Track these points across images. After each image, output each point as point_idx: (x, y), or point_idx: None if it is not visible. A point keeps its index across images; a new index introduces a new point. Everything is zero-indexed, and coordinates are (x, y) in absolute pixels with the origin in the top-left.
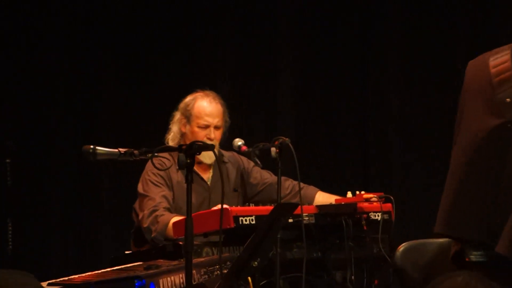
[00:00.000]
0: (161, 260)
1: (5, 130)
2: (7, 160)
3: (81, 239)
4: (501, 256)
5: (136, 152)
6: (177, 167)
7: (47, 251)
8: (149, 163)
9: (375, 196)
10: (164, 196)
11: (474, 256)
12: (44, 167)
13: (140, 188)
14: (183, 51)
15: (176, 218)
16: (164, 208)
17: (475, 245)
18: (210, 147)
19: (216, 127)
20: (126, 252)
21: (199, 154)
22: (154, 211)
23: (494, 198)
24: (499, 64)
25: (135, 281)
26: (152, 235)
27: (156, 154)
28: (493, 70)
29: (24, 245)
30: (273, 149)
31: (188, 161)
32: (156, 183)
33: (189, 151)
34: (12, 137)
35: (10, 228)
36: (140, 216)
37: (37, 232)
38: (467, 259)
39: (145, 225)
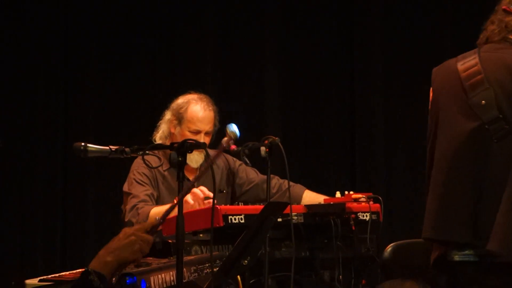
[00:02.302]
0: (151, 258)
1: None
2: None
3: (67, 237)
4: (484, 255)
5: (127, 149)
6: (165, 167)
7: (33, 248)
8: (135, 163)
9: (364, 196)
10: (148, 195)
11: (458, 256)
12: (29, 164)
13: (125, 187)
14: (169, 50)
15: (156, 209)
16: (145, 204)
17: (460, 246)
18: (202, 146)
19: (207, 133)
20: None
21: (191, 152)
22: (135, 205)
23: (478, 199)
24: (468, 68)
25: (127, 278)
26: None
27: (147, 152)
28: (463, 75)
29: (10, 242)
30: (262, 148)
31: (180, 159)
32: (141, 182)
33: (181, 149)
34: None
35: None
36: (123, 213)
37: (23, 229)
38: (450, 260)
39: (126, 220)
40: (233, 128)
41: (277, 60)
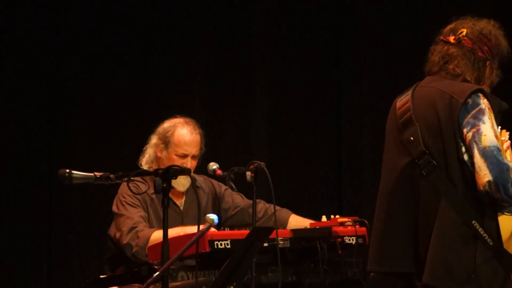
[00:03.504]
0: (136, 285)
1: None
2: None
3: (53, 263)
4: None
5: (112, 176)
6: (152, 190)
7: (19, 275)
8: (123, 185)
9: (350, 220)
10: (142, 217)
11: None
12: (16, 190)
13: (115, 209)
14: (156, 72)
15: (158, 233)
16: (143, 225)
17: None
18: (186, 171)
19: (193, 157)
20: (101, 276)
21: (176, 178)
22: (134, 227)
23: (415, 232)
24: (402, 105)
25: None
26: (134, 250)
27: (132, 178)
28: (398, 112)
29: None
30: (248, 173)
31: (165, 185)
32: (132, 204)
33: (166, 175)
34: None
35: None
36: (117, 236)
37: (9, 257)
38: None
39: (124, 242)
40: (213, 217)
41: (264, 85)
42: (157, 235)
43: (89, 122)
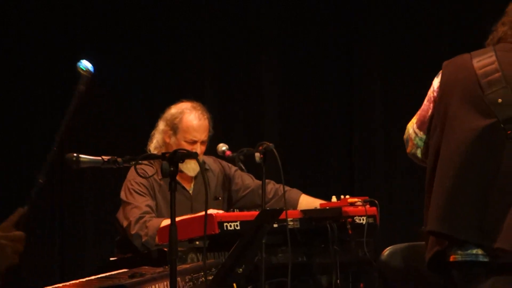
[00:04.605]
0: (146, 267)
1: None
2: None
3: (64, 246)
4: (491, 255)
5: (119, 159)
6: (160, 176)
7: (30, 258)
8: (131, 172)
9: (360, 200)
10: (149, 206)
11: (460, 256)
12: (26, 174)
13: (123, 196)
14: (166, 56)
15: (166, 222)
16: (150, 216)
17: (461, 244)
18: (193, 155)
19: (203, 142)
20: (111, 258)
21: (183, 162)
22: (141, 217)
23: (488, 197)
24: (485, 65)
25: None
26: (143, 240)
27: (139, 161)
28: (480, 72)
29: None
30: (257, 154)
31: (172, 169)
32: (140, 192)
33: (173, 159)
34: None
35: None
36: (125, 224)
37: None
38: (451, 259)
39: (133, 232)
40: (85, 64)
41: (275, 64)
42: (166, 224)
43: (101, 108)
